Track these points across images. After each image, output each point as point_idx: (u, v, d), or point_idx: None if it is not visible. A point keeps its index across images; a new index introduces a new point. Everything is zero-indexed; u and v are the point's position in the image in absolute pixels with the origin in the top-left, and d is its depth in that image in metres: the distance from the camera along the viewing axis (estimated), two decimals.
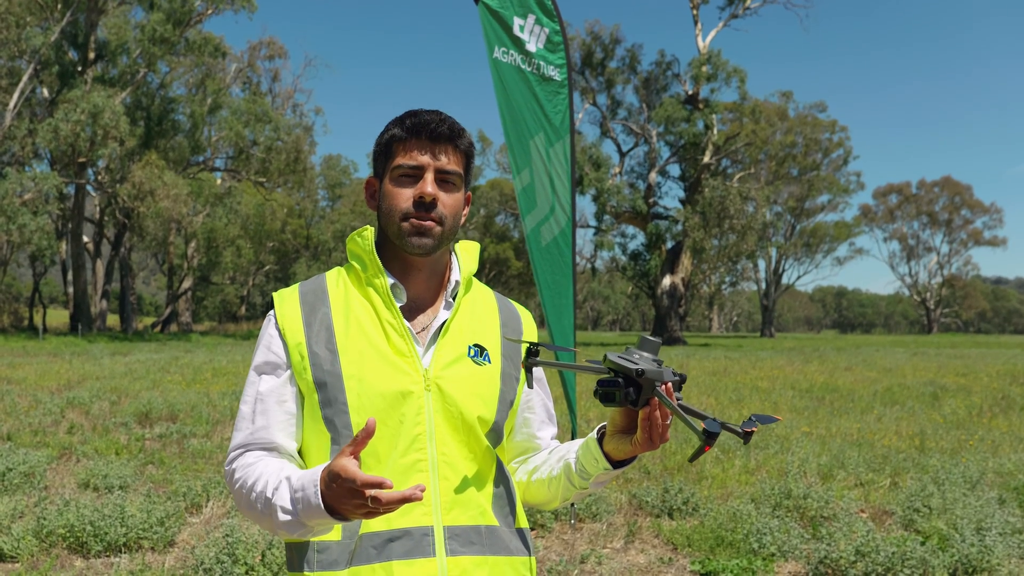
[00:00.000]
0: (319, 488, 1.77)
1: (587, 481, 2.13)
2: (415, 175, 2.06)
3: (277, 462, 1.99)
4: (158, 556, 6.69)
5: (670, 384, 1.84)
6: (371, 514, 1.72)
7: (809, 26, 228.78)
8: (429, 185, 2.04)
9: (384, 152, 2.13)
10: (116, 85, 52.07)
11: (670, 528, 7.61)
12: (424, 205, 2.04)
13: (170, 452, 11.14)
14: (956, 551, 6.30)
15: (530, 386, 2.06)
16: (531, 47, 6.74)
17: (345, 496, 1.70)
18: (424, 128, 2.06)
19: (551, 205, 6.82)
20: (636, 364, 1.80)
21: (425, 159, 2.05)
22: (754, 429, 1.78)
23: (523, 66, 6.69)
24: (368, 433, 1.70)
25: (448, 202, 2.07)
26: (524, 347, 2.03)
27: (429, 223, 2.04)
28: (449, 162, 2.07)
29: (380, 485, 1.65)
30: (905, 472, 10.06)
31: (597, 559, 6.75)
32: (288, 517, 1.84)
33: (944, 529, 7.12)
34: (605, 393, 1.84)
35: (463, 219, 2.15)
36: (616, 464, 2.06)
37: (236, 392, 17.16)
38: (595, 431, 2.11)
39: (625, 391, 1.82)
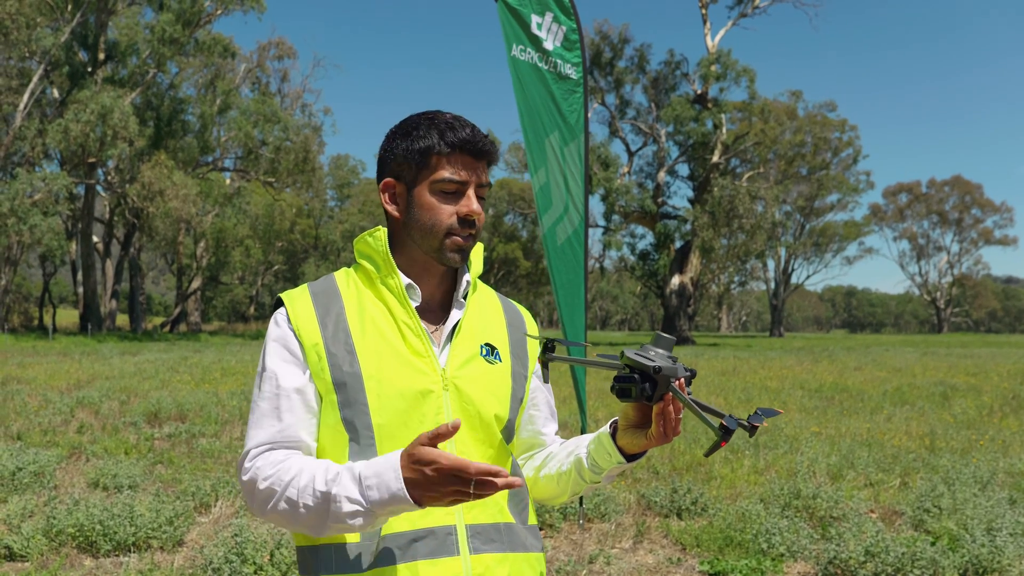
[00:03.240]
0: (401, 474, 1.75)
1: (599, 476, 2.14)
2: (458, 192, 2.06)
3: (313, 459, 1.96)
4: (167, 555, 6.70)
5: (683, 380, 1.87)
6: (458, 501, 1.72)
7: (819, 25, 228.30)
8: (475, 203, 2.07)
9: (419, 161, 2.08)
10: (126, 85, 52.28)
11: (679, 528, 7.60)
12: (470, 223, 2.06)
13: (179, 452, 11.15)
14: (967, 552, 6.28)
15: (545, 381, 2.09)
16: (548, 45, 6.74)
17: (440, 482, 1.70)
18: (469, 145, 2.05)
19: (565, 204, 6.82)
20: (653, 361, 1.83)
21: (468, 175, 2.07)
22: (758, 424, 1.79)
23: (540, 64, 6.69)
24: (455, 427, 1.70)
25: (482, 215, 2.10)
26: (540, 343, 2.04)
27: (469, 241, 2.08)
28: (485, 177, 2.11)
29: (495, 474, 1.67)
30: (915, 472, 10.03)
31: (606, 559, 6.74)
32: (356, 507, 1.79)
33: (954, 529, 7.10)
34: (622, 389, 1.87)
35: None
36: (630, 458, 2.08)
37: (245, 392, 17.19)
38: (608, 426, 2.13)
39: (641, 387, 1.84)
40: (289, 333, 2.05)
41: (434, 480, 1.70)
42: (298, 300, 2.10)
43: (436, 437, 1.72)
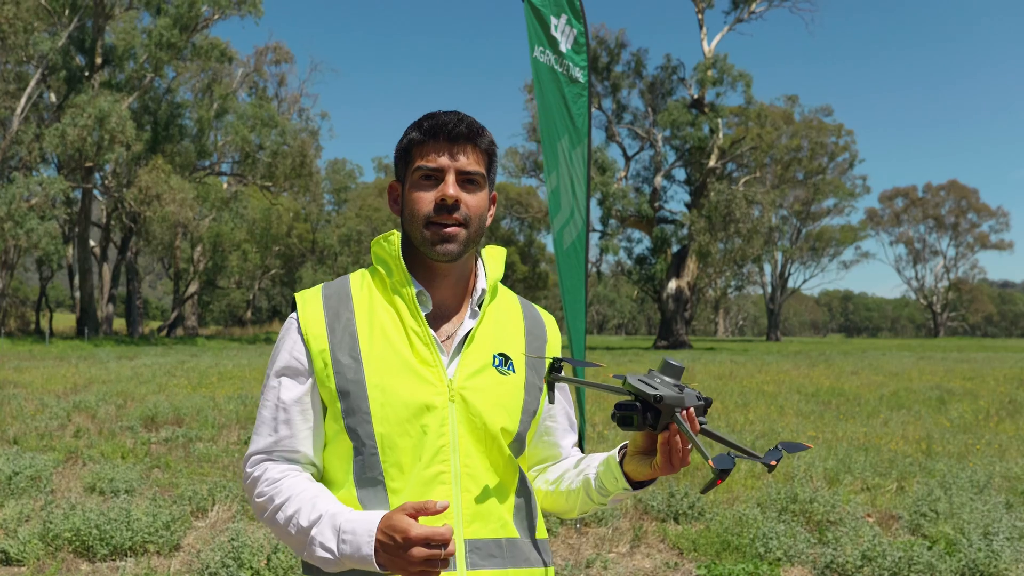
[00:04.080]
0: (375, 538, 1.79)
1: (606, 498, 2.12)
2: (435, 177, 2.03)
3: (308, 485, 1.99)
4: (164, 560, 6.69)
5: (692, 409, 1.82)
6: (427, 574, 1.75)
7: (815, 30, 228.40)
8: (450, 187, 2.00)
9: (404, 157, 2.09)
10: (123, 90, 52.33)
11: (676, 532, 7.60)
12: (446, 208, 2.00)
13: (176, 456, 11.14)
14: (963, 556, 6.28)
15: (551, 401, 2.03)
16: (563, 47, 6.74)
17: (408, 552, 1.74)
18: (442, 129, 2.02)
19: (571, 208, 6.82)
20: (656, 389, 1.78)
21: (444, 160, 2.01)
22: (775, 461, 1.77)
23: (556, 67, 6.68)
24: (443, 508, 1.76)
25: (471, 203, 2.04)
26: (547, 364, 2.00)
27: (453, 228, 2.00)
28: (470, 162, 2.03)
29: (445, 542, 1.74)
30: (912, 476, 10.04)
31: (603, 564, 6.74)
32: (328, 556, 1.85)
33: (951, 534, 7.11)
34: (623, 417, 1.82)
35: (489, 220, 2.11)
36: (636, 485, 2.05)
37: (242, 396, 17.17)
38: (617, 450, 2.10)
39: (643, 416, 1.79)
40: (298, 339, 2.05)
41: (402, 548, 1.74)
42: (310, 304, 2.08)
43: (420, 511, 1.76)
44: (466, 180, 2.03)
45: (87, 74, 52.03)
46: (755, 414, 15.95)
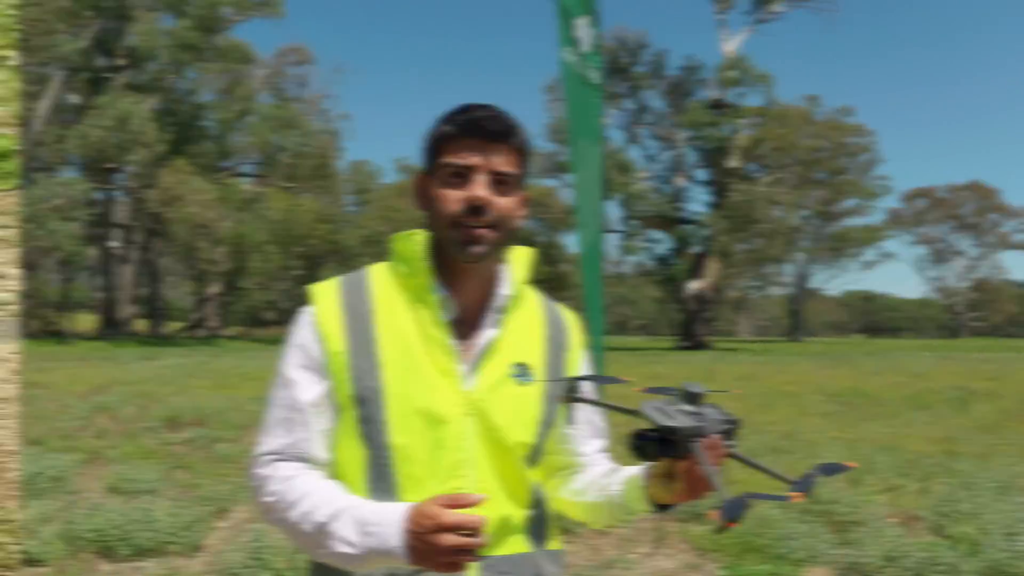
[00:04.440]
0: (403, 528, 1.71)
1: (631, 516, 2.06)
2: (465, 176, 1.91)
3: (323, 482, 1.91)
4: (185, 561, 6.71)
5: (715, 436, 1.72)
6: (454, 567, 1.68)
7: (836, 29, 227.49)
8: (480, 188, 1.90)
9: (433, 149, 1.98)
10: (145, 91, 52.53)
11: (697, 533, 7.57)
12: (475, 210, 1.90)
13: (198, 457, 11.17)
14: (986, 556, 6.24)
15: (569, 422, 1.98)
16: (585, 47, 6.76)
17: (433, 544, 1.67)
18: (475, 125, 1.92)
19: (591, 209, 6.84)
20: (672, 419, 1.69)
21: (476, 159, 1.91)
22: (808, 488, 1.70)
23: (578, 67, 6.71)
24: (479, 501, 1.69)
25: (502, 205, 1.93)
26: (565, 385, 1.94)
27: (482, 231, 1.91)
28: (503, 162, 1.93)
29: (476, 529, 1.66)
30: (934, 477, 9.97)
31: (624, 564, 6.72)
32: (349, 550, 1.76)
33: (974, 534, 7.06)
34: (638, 447, 1.76)
35: (519, 221, 2.02)
36: (660, 507, 1.98)
37: (264, 397, 17.20)
38: (641, 468, 2.01)
39: (659, 447, 1.73)
40: (313, 337, 1.97)
41: (431, 535, 1.66)
42: (326, 300, 2.01)
43: (454, 503, 1.68)
44: (498, 181, 1.93)
45: (109, 76, 52.33)
46: (777, 415, 15.88)
